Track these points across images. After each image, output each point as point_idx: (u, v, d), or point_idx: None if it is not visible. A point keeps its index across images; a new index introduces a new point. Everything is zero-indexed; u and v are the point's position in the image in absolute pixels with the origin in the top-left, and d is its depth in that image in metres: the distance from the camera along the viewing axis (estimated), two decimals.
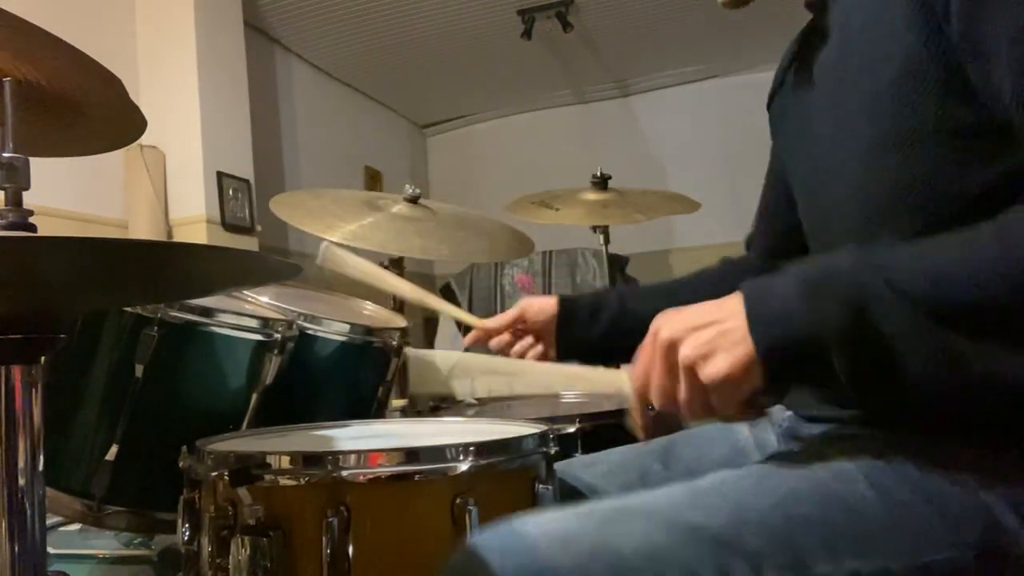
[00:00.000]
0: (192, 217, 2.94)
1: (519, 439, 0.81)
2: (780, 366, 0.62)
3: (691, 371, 0.64)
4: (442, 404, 1.52)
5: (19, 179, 0.73)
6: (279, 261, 0.70)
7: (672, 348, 0.65)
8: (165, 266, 0.66)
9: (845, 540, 0.60)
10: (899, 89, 0.66)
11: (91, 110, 0.85)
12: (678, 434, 0.97)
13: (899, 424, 0.68)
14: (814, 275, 0.62)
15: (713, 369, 0.62)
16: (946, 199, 0.66)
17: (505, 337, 1.14)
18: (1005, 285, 0.56)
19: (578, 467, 0.93)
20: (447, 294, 4.21)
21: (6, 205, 0.73)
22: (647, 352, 0.68)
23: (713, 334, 0.63)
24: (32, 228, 0.74)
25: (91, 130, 0.89)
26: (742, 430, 0.94)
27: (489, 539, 0.61)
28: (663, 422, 1.08)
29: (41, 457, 0.70)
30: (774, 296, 0.63)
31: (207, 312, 1.11)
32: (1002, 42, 0.59)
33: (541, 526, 0.60)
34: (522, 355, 1.12)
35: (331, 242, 1.21)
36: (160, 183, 2.90)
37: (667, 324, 0.66)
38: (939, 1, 0.62)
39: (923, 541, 0.60)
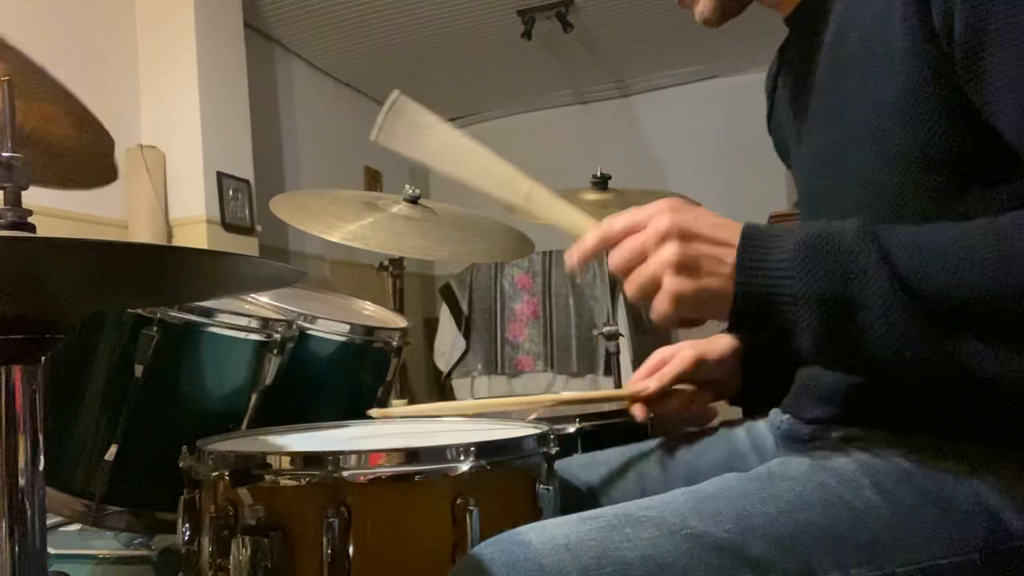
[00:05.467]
0: (192, 217, 2.94)
1: (519, 439, 0.81)
2: (748, 312, 0.61)
3: (661, 270, 0.63)
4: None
5: (18, 178, 0.73)
6: (282, 266, 0.69)
7: (664, 237, 0.63)
8: (167, 270, 0.66)
9: (851, 546, 0.59)
10: (900, 111, 0.65)
11: (65, 156, 0.84)
12: (675, 436, 0.96)
13: (901, 426, 0.68)
14: (814, 236, 0.60)
15: (684, 284, 0.62)
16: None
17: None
18: (998, 286, 0.55)
19: (576, 467, 0.93)
20: (447, 294, 4.21)
21: (5, 204, 0.73)
22: (639, 219, 0.65)
23: (706, 253, 0.62)
24: (31, 227, 0.74)
25: (56, 170, 0.88)
26: (740, 433, 0.93)
27: (492, 549, 0.60)
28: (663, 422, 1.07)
29: (41, 457, 0.70)
30: (769, 244, 0.61)
31: (207, 312, 1.11)
32: (1006, 70, 0.58)
33: (545, 535, 0.60)
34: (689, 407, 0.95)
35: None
36: (160, 183, 2.90)
37: (674, 214, 0.64)
38: (943, 26, 0.60)
39: (929, 545, 0.60)
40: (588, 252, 0.70)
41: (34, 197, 0.74)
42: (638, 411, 0.94)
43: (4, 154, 0.72)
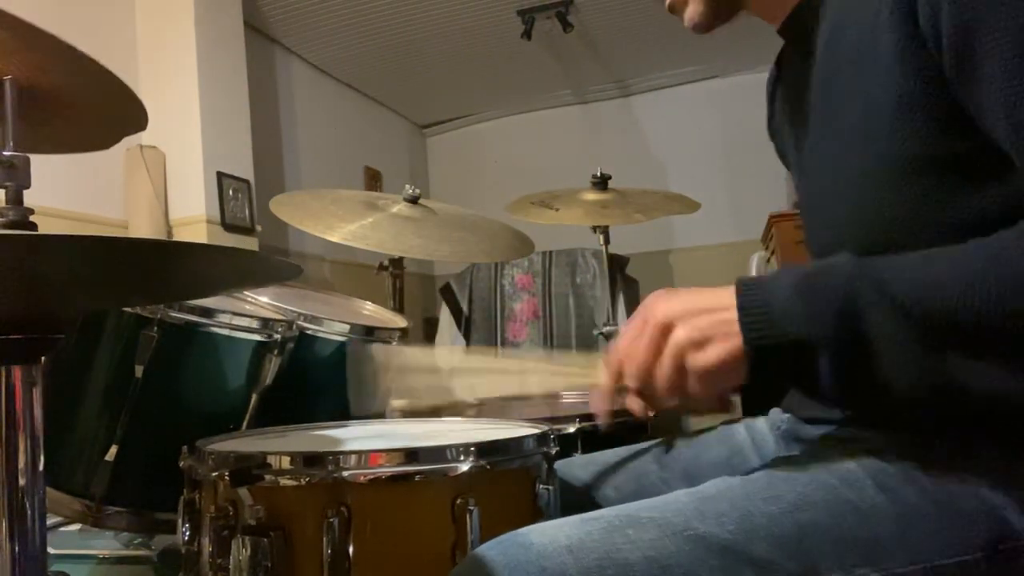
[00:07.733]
0: (192, 217, 2.95)
1: (519, 439, 0.81)
2: (765, 364, 0.62)
3: (680, 355, 0.64)
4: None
5: (20, 177, 0.73)
6: (281, 261, 0.70)
7: (666, 329, 0.65)
8: (166, 265, 0.66)
9: (855, 547, 0.59)
10: (891, 116, 0.65)
11: (86, 106, 0.84)
12: (675, 435, 0.96)
13: (901, 426, 0.68)
14: (809, 278, 0.61)
15: (704, 357, 0.63)
16: (940, 226, 0.64)
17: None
18: (994, 304, 0.56)
19: (576, 467, 0.93)
20: (447, 294, 4.21)
21: (7, 203, 0.73)
22: (636, 327, 0.67)
23: (710, 321, 0.63)
24: (32, 226, 0.74)
25: (89, 126, 0.88)
26: (740, 431, 0.93)
27: (494, 551, 0.60)
28: (662, 422, 1.07)
29: (41, 457, 0.70)
30: (768, 295, 0.62)
31: (207, 312, 1.11)
32: (995, 73, 0.58)
33: (547, 536, 0.60)
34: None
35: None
36: (160, 183, 2.90)
37: (663, 303, 0.66)
38: (930, 31, 0.60)
39: (932, 545, 0.59)
40: (608, 390, 0.71)
41: (35, 197, 0.74)
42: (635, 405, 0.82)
43: (6, 152, 0.72)
